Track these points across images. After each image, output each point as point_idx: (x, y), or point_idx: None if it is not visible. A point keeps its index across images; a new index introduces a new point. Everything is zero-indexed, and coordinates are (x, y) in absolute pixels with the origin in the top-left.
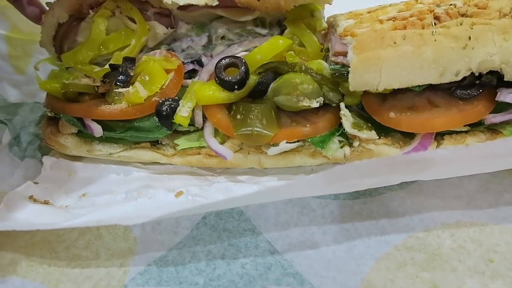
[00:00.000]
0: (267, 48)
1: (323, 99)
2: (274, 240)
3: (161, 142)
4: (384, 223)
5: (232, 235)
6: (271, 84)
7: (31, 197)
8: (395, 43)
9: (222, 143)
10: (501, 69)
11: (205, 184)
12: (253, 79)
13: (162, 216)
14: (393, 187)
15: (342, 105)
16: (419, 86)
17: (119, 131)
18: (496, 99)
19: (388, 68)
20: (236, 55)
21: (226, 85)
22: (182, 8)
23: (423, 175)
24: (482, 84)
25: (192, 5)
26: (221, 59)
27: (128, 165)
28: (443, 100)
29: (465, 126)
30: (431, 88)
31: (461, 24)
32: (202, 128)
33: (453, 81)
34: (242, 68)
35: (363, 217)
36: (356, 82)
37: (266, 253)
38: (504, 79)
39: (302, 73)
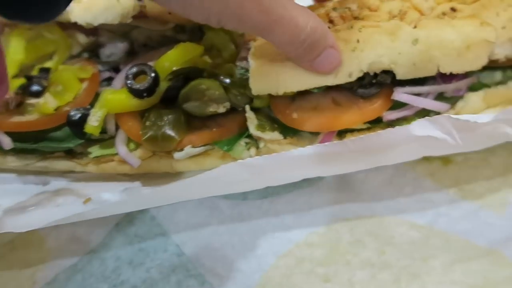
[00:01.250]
0: (174, 55)
1: (229, 104)
2: (182, 243)
3: (75, 151)
4: (289, 221)
5: (143, 240)
6: (181, 91)
7: None
8: None
9: (135, 149)
10: (391, 69)
11: (118, 191)
12: (163, 85)
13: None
14: (302, 184)
15: (247, 107)
16: (318, 88)
17: (32, 141)
18: (392, 97)
19: (285, 73)
20: (146, 63)
21: (135, 93)
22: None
23: (325, 171)
24: (379, 83)
25: None
26: (131, 67)
27: (47, 175)
28: (346, 99)
29: (366, 123)
30: (335, 88)
31: (351, 28)
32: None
33: (348, 81)
34: (151, 75)
35: (270, 216)
36: (257, 87)
37: (173, 256)
38: (397, 78)
39: (211, 79)
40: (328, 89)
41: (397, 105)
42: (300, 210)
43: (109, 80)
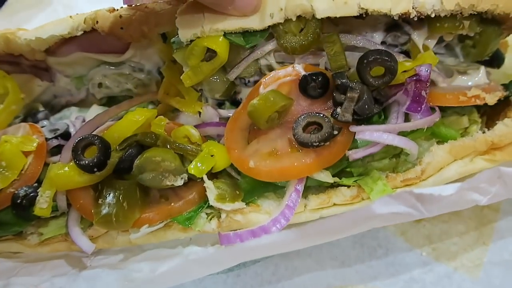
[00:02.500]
0: (123, 127)
1: (187, 176)
2: None
3: (26, 231)
4: None
5: None
6: (135, 161)
7: None
8: None
9: (90, 226)
10: (311, 6)
11: (74, 273)
12: (115, 156)
13: None
14: None
15: (205, 177)
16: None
17: None
18: (356, 137)
19: (211, 11)
20: (93, 134)
21: (85, 169)
22: (53, 53)
23: (296, 247)
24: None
25: (62, 47)
26: (77, 141)
27: None
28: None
29: (333, 177)
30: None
31: None
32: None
33: (270, 24)
34: (100, 149)
35: None
36: (184, 24)
37: None
38: (318, 17)
39: (166, 148)
40: (286, 129)
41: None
42: (268, 282)
43: (58, 148)
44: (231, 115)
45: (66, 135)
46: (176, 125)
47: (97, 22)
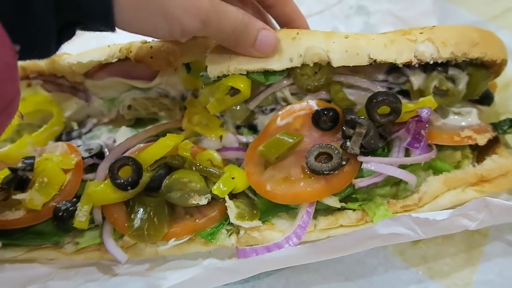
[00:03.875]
0: (156, 150)
1: (210, 196)
2: None
3: (63, 241)
4: None
5: None
6: (164, 181)
7: None
8: None
9: (121, 237)
10: (328, 56)
11: (105, 278)
12: (146, 176)
13: None
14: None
15: (227, 197)
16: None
17: (19, 236)
18: (362, 167)
19: (236, 53)
20: (128, 156)
21: (120, 187)
22: (91, 76)
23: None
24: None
25: (98, 72)
26: (113, 161)
27: (33, 261)
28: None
29: (341, 203)
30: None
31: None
32: (102, 225)
33: (289, 67)
34: (134, 170)
35: None
36: (212, 64)
37: None
38: (334, 66)
39: (192, 170)
40: (298, 159)
41: (364, 173)
42: None
43: (92, 166)
44: (249, 141)
45: (100, 155)
46: (200, 149)
47: (130, 51)
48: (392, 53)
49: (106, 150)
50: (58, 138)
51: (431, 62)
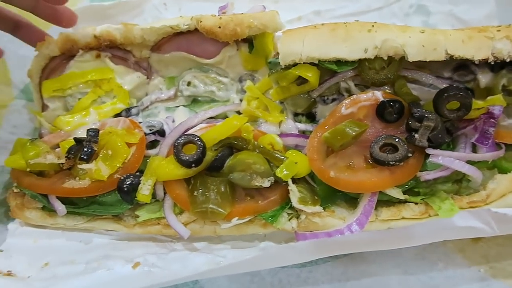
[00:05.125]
0: (222, 129)
1: (273, 179)
2: None
3: (122, 213)
4: None
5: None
6: (227, 161)
7: None
8: (315, 27)
9: (180, 213)
10: (404, 50)
11: (163, 252)
12: (209, 155)
13: None
14: (339, 255)
15: (290, 181)
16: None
17: (82, 205)
18: (429, 160)
19: (309, 40)
20: (193, 134)
21: (184, 164)
22: (157, 49)
23: (364, 249)
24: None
25: (165, 44)
26: (179, 138)
27: (90, 231)
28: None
29: (404, 195)
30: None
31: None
32: (162, 200)
33: (362, 58)
34: (199, 148)
35: (308, 284)
36: (284, 51)
37: None
38: (410, 60)
39: (256, 152)
40: (363, 147)
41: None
42: (338, 280)
43: (153, 143)
44: (308, 129)
45: (161, 132)
46: (261, 133)
47: (200, 21)
48: (470, 49)
49: (166, 128)
50: (117, 114)
51: (508, 60)
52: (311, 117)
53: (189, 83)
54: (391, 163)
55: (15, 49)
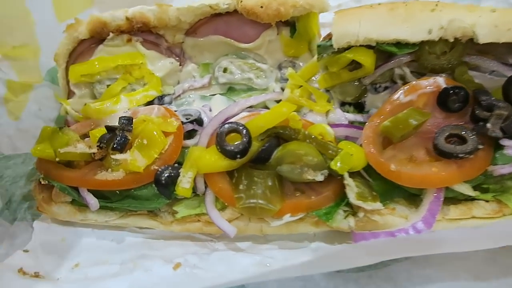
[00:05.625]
0: (270, 117)
1: (327, 172)
2: None
3: (159, 209)
4: None
5: None
6: (274, 152)
7: (20, 270)
8: (371, 6)
9: (222, 209)
10: (473, 31)
11: (204, 253)
12: (255, 146)
13: None
14: (399, 258)
15: (346, 175)
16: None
17: (115, 199)
18: (500, 152)
19: (366, 21)
20: (238, 122)
21: (228, 154)
22: (192, 32)
23: (430, 251)
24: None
25: (201, 27)
26: (222, 125)
27: (122, 229)
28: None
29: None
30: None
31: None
32: (203, 195)
33: (425, 39)
34: (245, 137)
35: None
36: (338, 32)
37: None
38: (480, 42)
39: (306, 142)
40: (420, 140)
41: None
42: (402, 287)
43: (191, 133)
44: (357, 119)
45: (199, 121)
46: (308, 123)
47: (241, 1)
48: None
49: (204, 117)
50: (149, 102)
51: None
52: (359, 108)
53: (225, 70)
54: (460, 155)
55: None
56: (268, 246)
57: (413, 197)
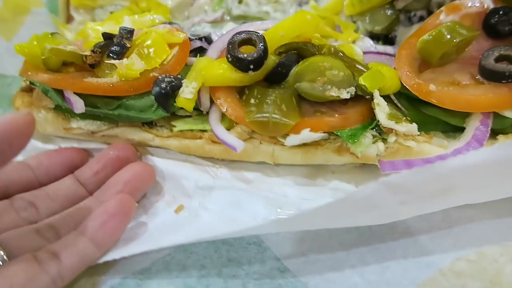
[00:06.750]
0: (292, 23)
1: (355, 90)
2: (285, 258)
3: (155, 123)
4: (424, 241)
5: (233, 249)
6: (294, 68)
7: None
8: None
9: (228, 129)
10: None
11: (205, 186)
12: (272, 59)
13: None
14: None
15: (376, 93)
16: None
17: (106, 108)
18: None
19: None
20: (253, 31)
21: (240, 64)
22: None
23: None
24: None
25: None
26: (236, 34)
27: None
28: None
29: None
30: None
31: None
32: (207, 113)
33: None
34: (261, 44)
35: (397, 233)
36: None
37: (275, 272)
38: None
39: (332, 57)
40: (463, 66)
41: None
42: (438, 228)
43: (199, 51)
44: (387, 51)
45: (209, 40)
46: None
47: None
48: None
49: (215, 37)
50: None
51: None
52: (389, 42)
53: (240, 1)
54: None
55: None
56: (277, 180)
57: (452, 132)
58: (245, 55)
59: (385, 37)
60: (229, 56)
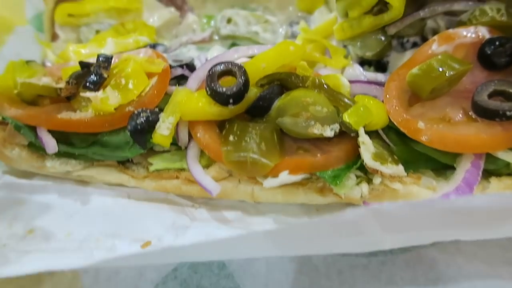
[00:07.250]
0: (274, 54)
1: (339, 127)
2: None
3: (131, 160)
4: None
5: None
6: (276, 101)
7: None
8: None
9: (207, 166)
10: None
11: (181, 225)
12: (253, 92)
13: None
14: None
15: (361, 130)
16: None
17: (80, 146)
18: None
19: None
20: (234, 62)
21: (219, 98)
22: None
23: (465, 232)
24: None
25: None
26: (215, 65)
27: (88, 185)
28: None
29: None
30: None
31: None
32: (185, 148)
33: None
34: (241, 78)
35: (381, 282)
36: None
37: None
38: None
39: (316, 91)
40: (456, 100)
41: None
42: (425, 279)
43: (180, 79)
44: (378, 79)
45: (191, 67)
46: (319, 76)
47: None
48: None
49: (197, 63)
50: None
51: None
52: (381, 68)
53: (229, 20)
54: (507, 114)
55: None
56: (260, 219)
57: (442, 170)
58: (224, 89)
59: (377, 63)
60: (207, 89)
